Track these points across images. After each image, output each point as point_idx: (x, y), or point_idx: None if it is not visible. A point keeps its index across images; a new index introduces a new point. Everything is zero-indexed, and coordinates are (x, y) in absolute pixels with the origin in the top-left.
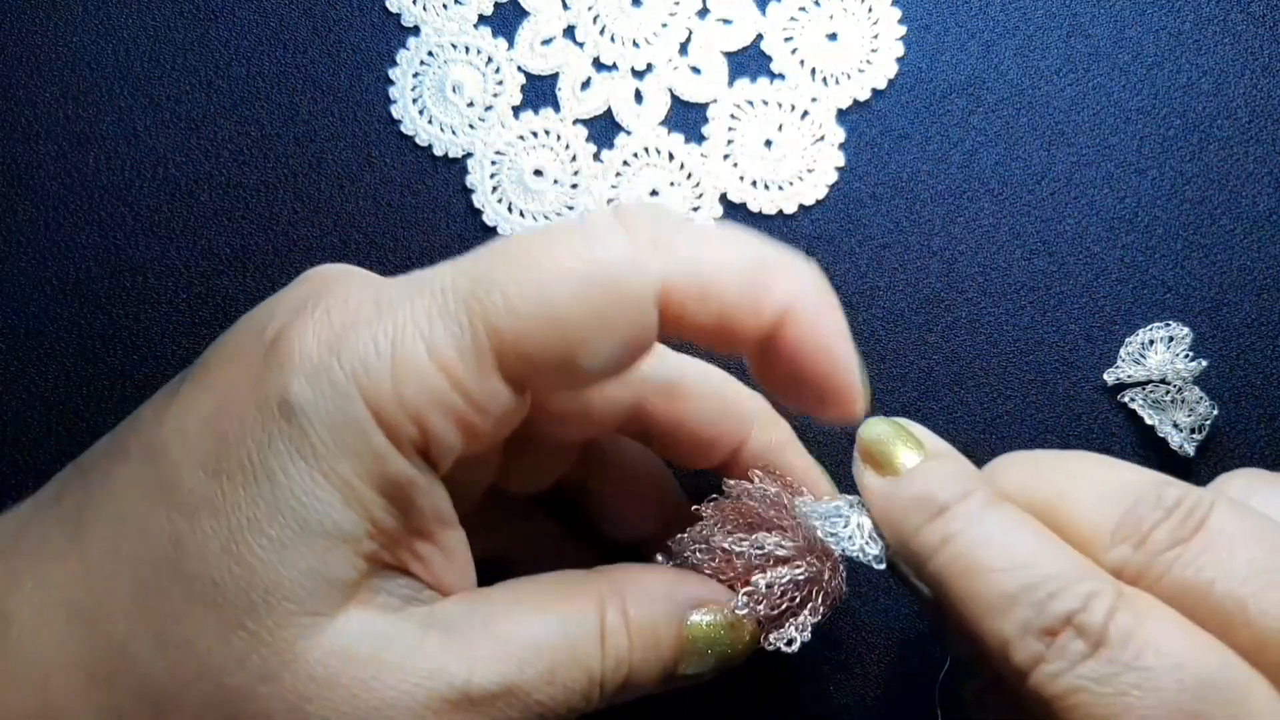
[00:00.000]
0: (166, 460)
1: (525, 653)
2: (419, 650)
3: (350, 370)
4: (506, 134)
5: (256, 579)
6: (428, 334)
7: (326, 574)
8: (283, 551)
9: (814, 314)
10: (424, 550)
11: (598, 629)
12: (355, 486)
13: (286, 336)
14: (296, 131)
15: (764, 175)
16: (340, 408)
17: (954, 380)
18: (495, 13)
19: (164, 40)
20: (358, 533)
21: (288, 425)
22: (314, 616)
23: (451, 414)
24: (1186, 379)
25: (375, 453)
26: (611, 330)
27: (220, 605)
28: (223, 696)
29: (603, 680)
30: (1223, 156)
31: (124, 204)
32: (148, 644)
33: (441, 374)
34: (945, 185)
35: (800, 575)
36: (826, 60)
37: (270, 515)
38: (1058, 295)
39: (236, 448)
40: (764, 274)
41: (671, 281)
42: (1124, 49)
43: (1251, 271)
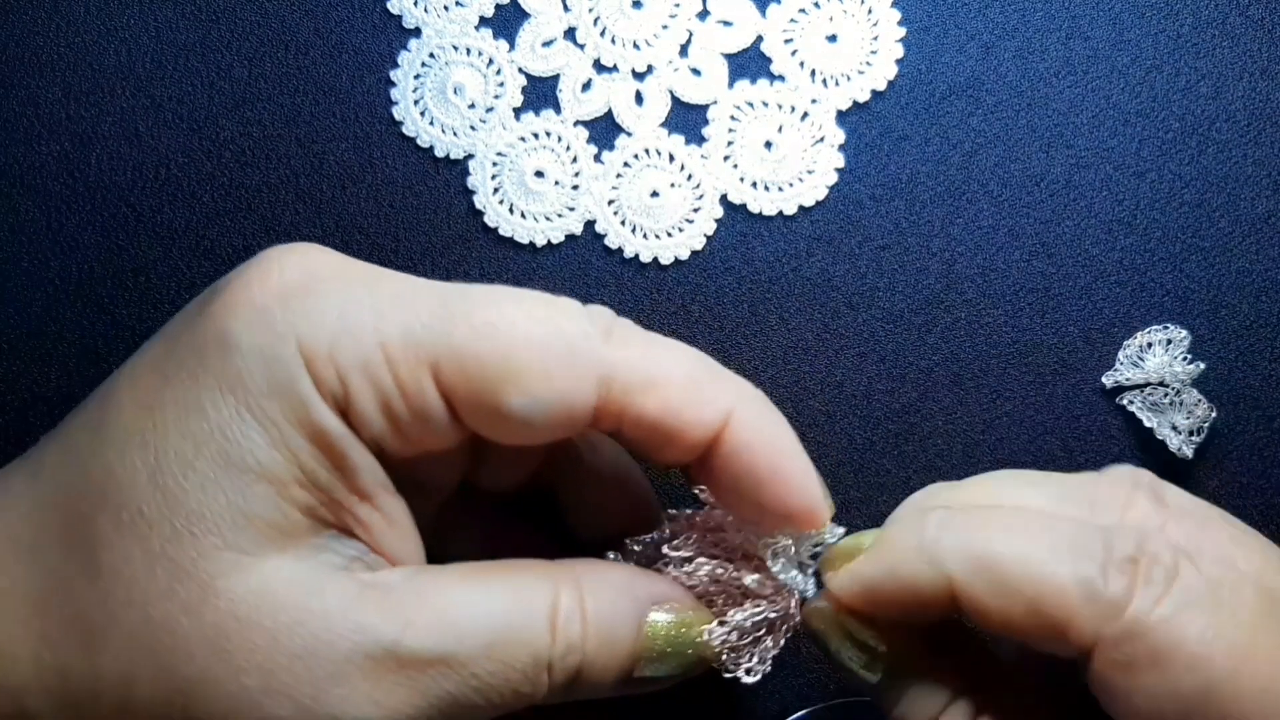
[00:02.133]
0: (113, 400)
1: (464, 623)
2: (349, 605)
3: (291, 319)
4: (508, 135)
5: (179, 508)
6: (380, 312)
7: (248, 510)
8: (206, 484)
9: (760, 417)
10: (365, 514)
11: (548, 610)
12: (282, 428)
13: (234, 286)
14: (298, 133)
15: (764, 177)
16: (274, 348)
17: (953, 381)
18: (496, 14)
19: (166, 41)
20: (283, 475)
21: (221, 362)
22: (238, 553)
23: (377, 390)
24: (1185, 381)
25: (302, 397)
26: (548, 383)
27: (145, 535)
28: (148, 626)
29: (551, 664)
30: (1221, 159)
31: (126, 204)
32: (79, 572)
33: (379, 352)
34: (945, 187)
35: (774, 614)
36: (826, 62)
37: (197, 448)
38: (1057, 297)
39: (173, 384)
40: (712, 378)
41: (619, 367)
42: (1123, 52)
43: (1250, 274)
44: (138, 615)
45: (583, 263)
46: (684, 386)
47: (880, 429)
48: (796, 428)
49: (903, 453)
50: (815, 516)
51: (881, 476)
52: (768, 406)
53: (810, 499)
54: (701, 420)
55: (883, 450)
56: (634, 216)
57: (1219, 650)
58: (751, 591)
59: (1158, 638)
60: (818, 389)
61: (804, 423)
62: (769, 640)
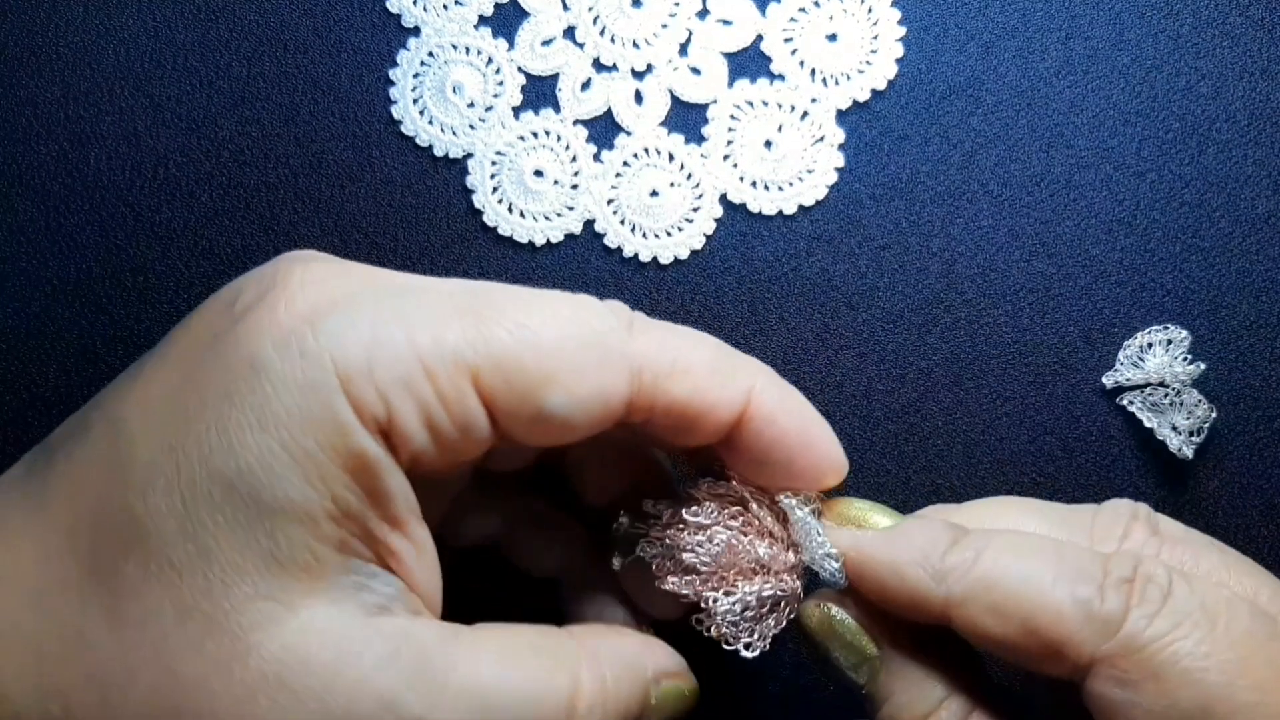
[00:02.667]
0: (126, 436)
1: (489, 709)
2: (380, 673)
3: (324, 342)
4: (507, 134)
5: (212, 559)
6: (412, 323)
7: (280, 555)
8: (238, 531)
9: (779, 390)
10: (398, 544)
11: (569, 695)
12: (318, 461)
13: (257, 310)
14: (297, 132)
15: (764, 176)
16: (308, 375)
17: (953, 381)
18: (495, 13)
19: (165, 41)
20: (315, 511)
21: (251, 394)
22: (272, 603)
23: (419, 404)
24: (1185, 382)
25: (340, 425)
26: (585, 379)
27: (175, 585)
28: (173, 683)
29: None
30: (1221, 159)
31: (125, 204)
32: (100, 624)
33: (419, 365)
34: (945, 186)
35: (784, 589)
36: (826, 61)
37: (227, 492)
38: (1057, 297)
39: (196, 421)
40: (731, 359)
41: (648, 357)
42: (1123, 52)
43: (1250, 274)
44: (162, 672)
45: (582, 262)
46: (708, 370)
47: (880, 429)
48: None
49: (903, 453)
50: (839, 470)
51: (881, 477)
52: (781, 380)
53: (837, 457)
54: (728, 399)
55: (883, 450)
56: (633, 216)
57: (1214, 665)
58: (764, 564)
59: (1154, 653)
60: (817, 389)
61: None
62: (771, 619)
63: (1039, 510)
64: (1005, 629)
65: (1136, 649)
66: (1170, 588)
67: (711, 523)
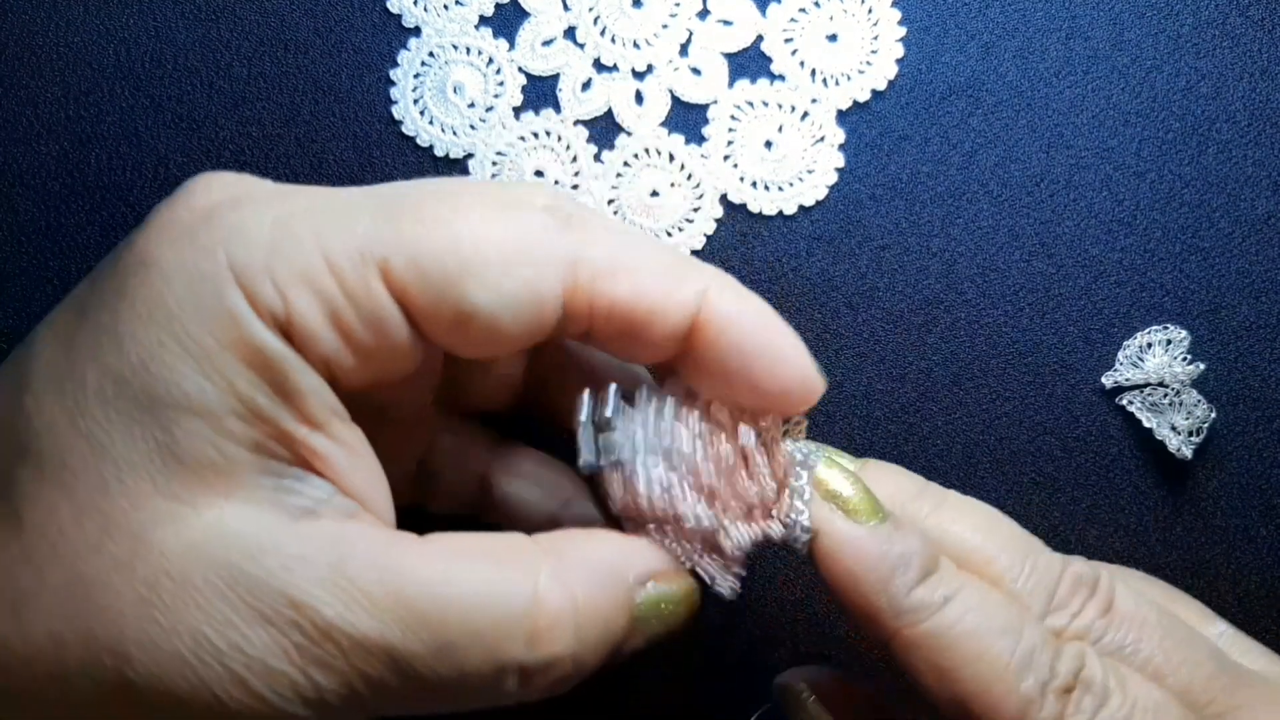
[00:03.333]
0: (35, 346)
1: (416, 617)
2: (290, 572)
3: (218, 235)
4: (507, 135)
5: (105, 455)
6: (318, 216)
7: (179, 450)
8: (132, 425)
9: (737, 293)
10: (321, 445)
11: (523, 612)
12: (212, 352)
13: (158, 211)
14: (298, 132)
15: (764, 176)
16: (199, 266)
17: (953, 381)
18: (496, 13)
19: (165, 40)
20: (216, 406)
21: (141, 287)
22: (172, 501)
23: (322, 301)
24: (1184, 382)
25: (234, 317)
26: (511, 274)
27: (71, 486)
28: (78, 585)
29: (527, 671)
30: (1221, 160)
31: (125, 204)
32: (6, 532)
33: (319, 254)
34: (945, 187)
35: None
36: (826, 61)
37: (119, 386)
38: (1056, 297)
39: (91, 320)
40: (683, 261)
41: (584, 251)
42: (1123, 52)
43: (1250, 275)
44: (66, 573)
45: None
46: (654, 270)
47: (880, 429)
48: None
49: (903, 453)
50: (812, 386)
51: None
52: (740, 286)
53: (805, 369)
54: (676, 301)
55: (883, 451)
56: (634, 216)
57: None
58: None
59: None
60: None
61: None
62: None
63: (1023, 545)
64: (940, 691)
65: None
66: (1106, 697)
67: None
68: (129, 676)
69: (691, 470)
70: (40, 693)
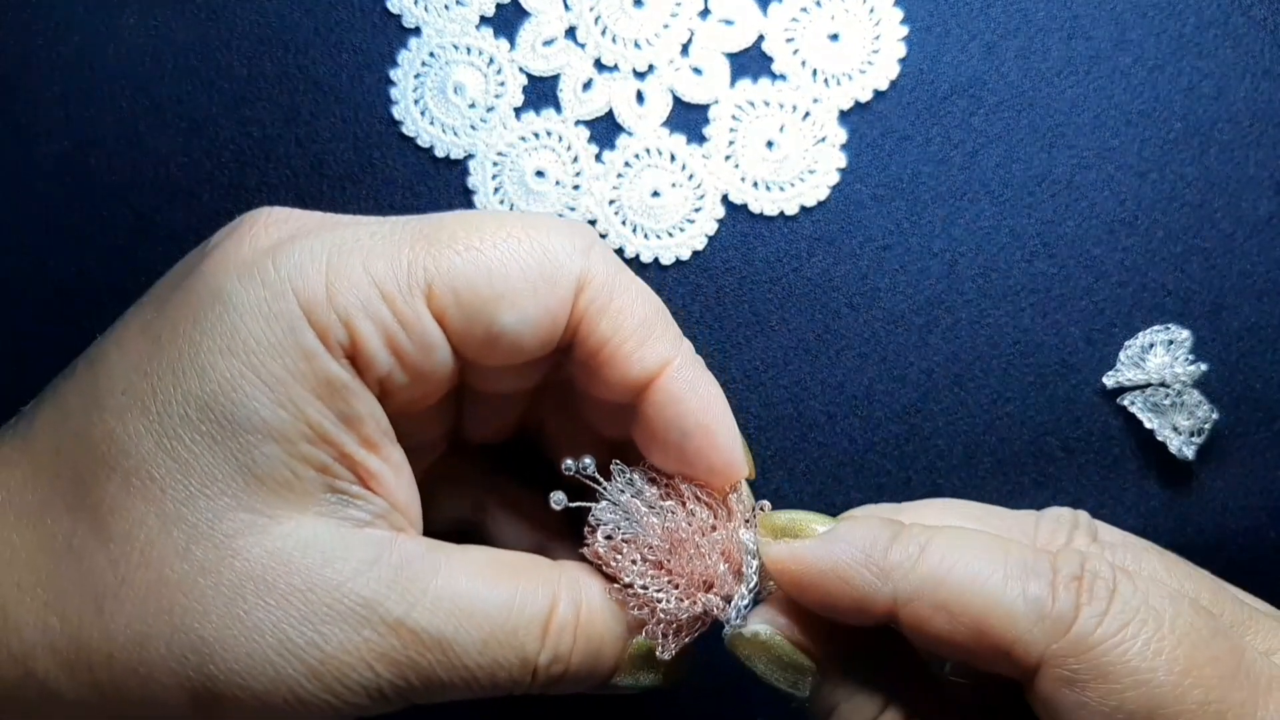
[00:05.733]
0: (105, 366)
1: (466, 614)
2: (362, 575)
3: (285, 273)
4: (508, 135)
5: (191, 471)
6: (366, 250)
7: (258, 470)
8: (214, 447)
9: (696, 374)
10: (375, 465)
11: (544, 617)
12: (286, 384)
13: (222, 246)
14: (298, 133)
15: (765, 176)
16: (271, 305)
17: (954, 381)
18: (497, 13)
19: (165, 41)
20: (291, 432)
21: (219, 321)
22: (252, 514)
23: (380, 326)
24: (1186, 382)
25: (305, 350)
26: (535, 298)
27: (158, 498)
28: (164, 587)
29: (536, 669)
30: (1224, 160)
31: (125, 205)
32: (89, 538)
33: (372, 285)
34: (946, 187)
35: (716, 610)
36: (828, 61)
37: (201, 412)
38: (1058, 298)
39: (168, 348)
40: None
41: (593, 283)
42: (1125, 52)
43: (1252, 275)
44: (153, 576)
45: None
46: (638, 322)
47: (881, 430)
48: (797, 429)
49: (904, 454)
50: (734, 472)
51: (882, 478)
52: (704, 369)
53: (731, 455)
54: (640, 359)
55: (884, 451)
56: (635, 216)
57: (1162, 665)
58: (710, 580)
59: (1103, 653)
60: (819, 389)
61: (805, 423)
62: (685, 631)
63: (981, 514)
64: (953, 628)
65: (1086, 649)
66: (1116, 585)
67: (671, 509)
68: (210, 672)
69: (644, 542)
70: (120, 686)
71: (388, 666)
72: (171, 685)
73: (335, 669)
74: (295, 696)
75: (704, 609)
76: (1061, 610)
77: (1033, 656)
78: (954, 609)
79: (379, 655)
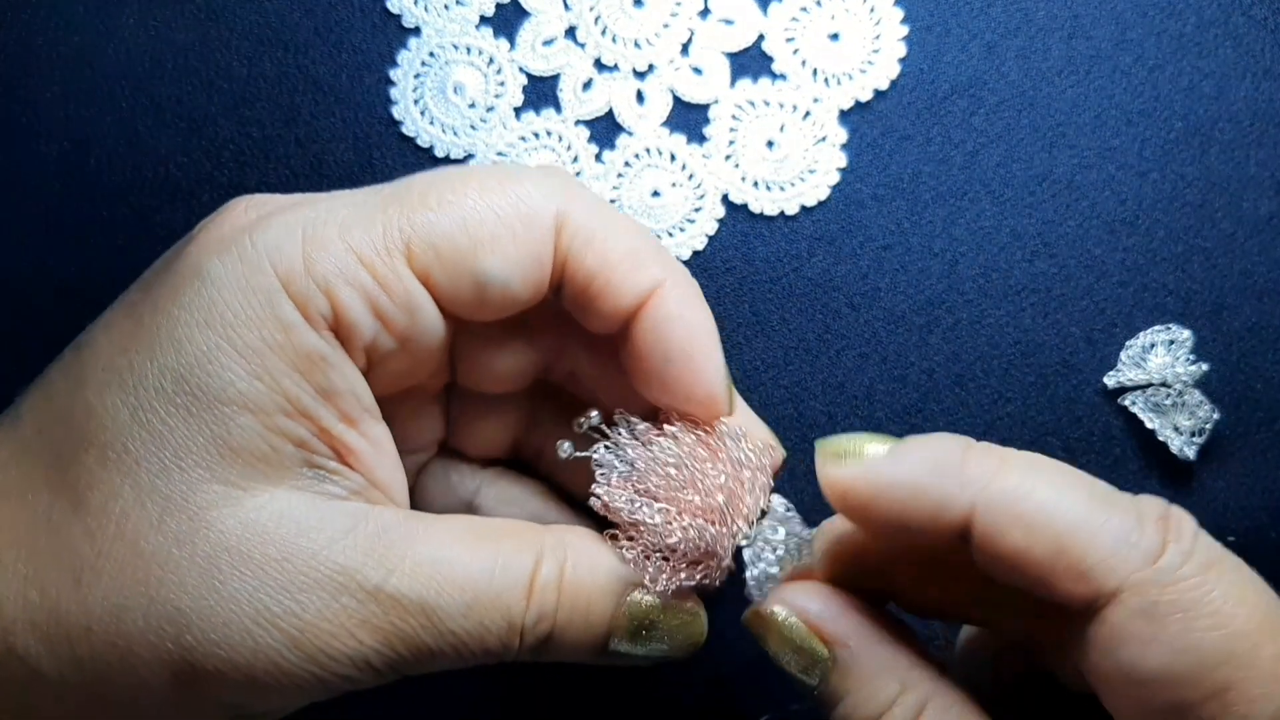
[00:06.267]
0: (91, 349)
1: (447, 578)
2: (338, 543)
3: (261, 246)
4: (508, 135)
5: (165, 443)
6: (341, 219)
7: (233, 442)
8: (190, 419)
9: (687, 298)
10: (354, 440)
11: (528, 577)
12: (263, 356)
13: (205, 229)
14: (298, 133)
15: (766, 176)
16: (249, 279)
17: (955, 382)
18: (496, 13)
19: (165, 41)
20: (267, 404)
21: (196, 296)
22: (227, 486)
23: (360, 291)
24: (1187, 382)
25: (283, 322)
26: (516, 241)
27: (133, 470)
28: (139, 559)
29: (523, 630)
30: (1224, 160)
31: (126, 205)
32: (67, 511)
33: (350, 252)
34: (947, 186)
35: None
36: (828, 60)
37: (177, 384)
38: (1059, 297)
39: (148, 325)
40: (653, 251)
41: (573, 219)
42: (1126, 51)
43: (1253, 275)
44: (128, 548)
45: None
46: (625, 250)
47: (882, 430)
48: (797, 429)
49: None
50: (714, 404)
51: None
52: (696, 293)
53: (712, 386)
54: (631, 285)
55: None
56: (635, 216)
57: (1243, 612)
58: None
59: (1188, 589)
60: (819, 389)
61: (805, 423)
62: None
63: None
64: (1032, 543)
65: (1171, 581)
66: (1199, 531)
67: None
68: (187, 642)
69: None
70: (99, 660)
71: (370, 634)
72: (150, 658)
73: (316, 638)
74: (277, 668)
75: (700, 536)
76: (1150, 541)
77: (1113, 582)
78: (1034, 523)
79: (360, 622)
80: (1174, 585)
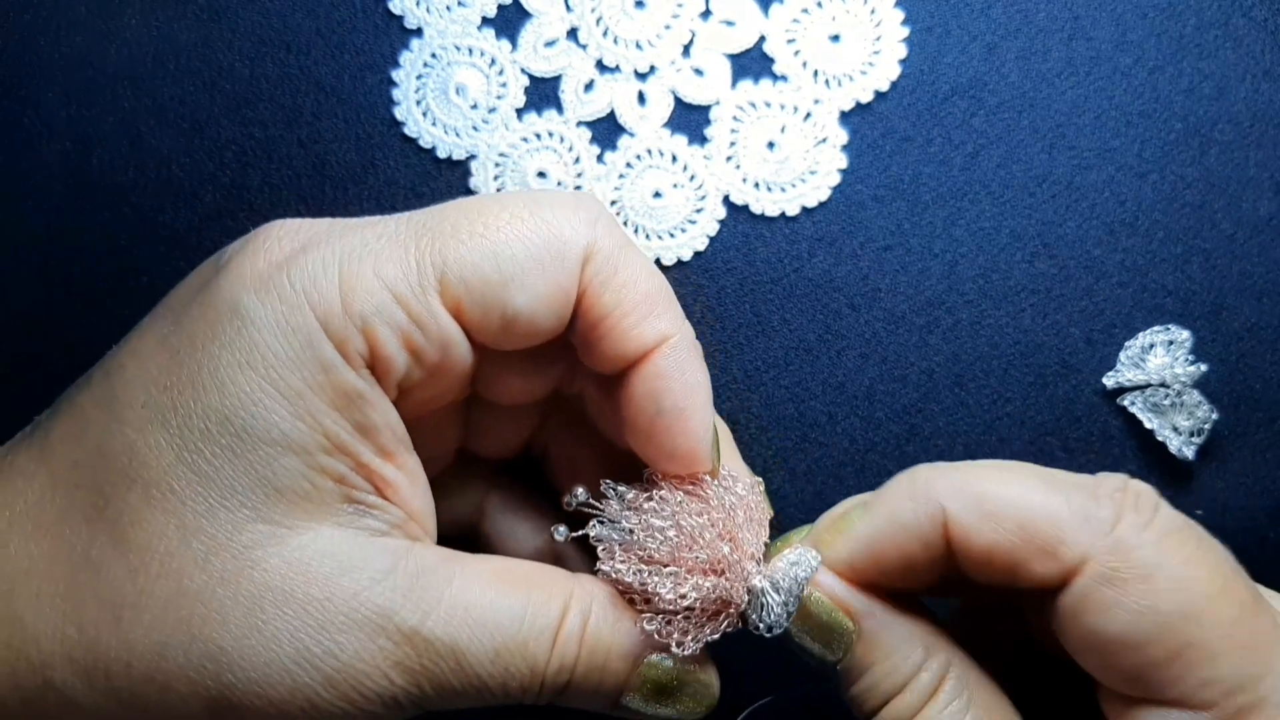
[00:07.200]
0: (122, 379)
1: (479, 624)
2: (379, 584)
3: (299, 285)
4: (510, 136)
5: (211, 484)
6: (375, 254)
7: (277, 483)
8: (235, 459)
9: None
10: (391, 474)
11: (554, 628)
12: (304, 397)
13: (237, 260)
14: (300, 134)
15: (767, 177)
16: (288, 319)
17: (955, 382)
18: (498, 14)
19: (167, 42)
20: (308, 443)
21: (237, 336)
22: (271, 525)
23: (396, 330)
24: (1186, 383)
25: (323, 362)
26: (545, 276)
27: (179, 510)
28: (182, 598)
29: (544, 679)
30: (1224, 161)
31: (128, 205)
32: (108, 549)
33: (385, 290)
34: (947, 187)
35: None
36: (829, 62)
37: (221, 425)
38: (1058, 298)
39: (188, 363)
40: (666, 305)
41: (598, 255)
42: (1126, 53)
43: (1252, 276)
44: (172, 587)
45: None
46: (641, 296)
47: (882, 430)
48: (798, 429)
49: (904, 454)
50: (697, 460)
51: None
52: (698, 353)
53: (697, 443)
54: (638, 333)
55: (885, 451)
56: (636, 217)
57: (1200, 576)
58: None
59: (1147, 555)
60: (820, 390)
61: (806, 424)
62: (709, 625)
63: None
64: (998, 533)
65: (1130, 548)
66: (1159, 504)
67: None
68: (227, 680)
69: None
70: (137, 695)
71: (402, 674)
72: (188, 694)
73: (351, 677)
74: (312, 705)
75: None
76: (1105, 514)
77: (1076, 554)
78: (1000, 516)
79: (394, 664)
80: (1133, 552)
